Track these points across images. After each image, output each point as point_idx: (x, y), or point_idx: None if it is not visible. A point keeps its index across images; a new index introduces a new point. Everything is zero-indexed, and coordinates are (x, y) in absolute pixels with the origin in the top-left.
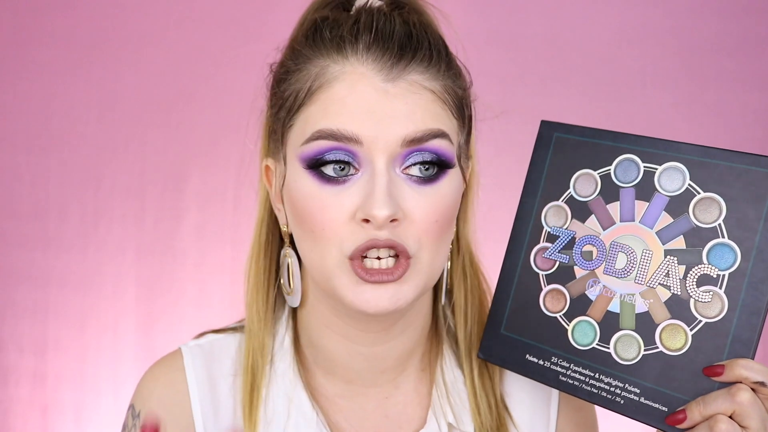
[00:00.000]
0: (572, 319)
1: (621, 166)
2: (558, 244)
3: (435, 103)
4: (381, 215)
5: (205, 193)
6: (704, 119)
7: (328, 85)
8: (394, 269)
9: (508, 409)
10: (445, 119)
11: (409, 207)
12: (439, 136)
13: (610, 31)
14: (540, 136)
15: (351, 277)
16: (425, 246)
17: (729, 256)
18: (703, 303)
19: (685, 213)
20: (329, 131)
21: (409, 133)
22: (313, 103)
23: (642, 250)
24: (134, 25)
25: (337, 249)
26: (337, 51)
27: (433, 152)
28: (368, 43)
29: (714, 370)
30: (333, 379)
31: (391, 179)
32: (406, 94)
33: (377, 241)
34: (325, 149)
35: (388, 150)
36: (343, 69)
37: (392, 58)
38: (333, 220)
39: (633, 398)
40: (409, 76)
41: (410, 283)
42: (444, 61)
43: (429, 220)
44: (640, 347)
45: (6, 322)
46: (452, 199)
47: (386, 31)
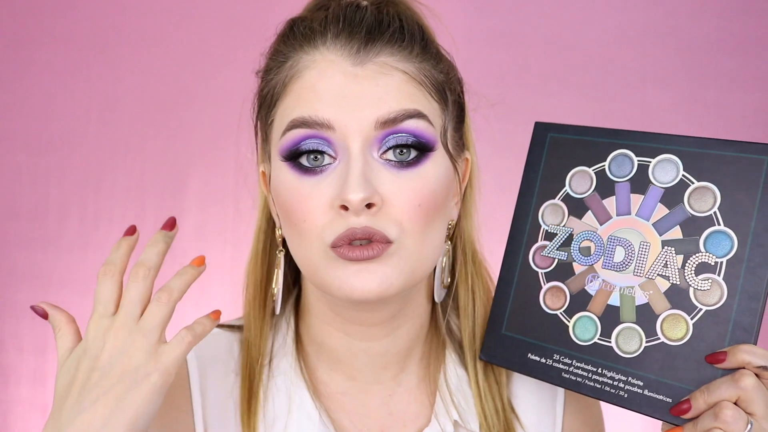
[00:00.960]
0: (573, 315)
1: (615, 161)
2: (556, 241)
3: (409, 84)
4: (355, 198)
5: (205, 194)
6: (704, 119)
7: (299, 75)
8: (373, 245)
9: (515, 411)
10: (422, 100)
11: (388, 191)
12: (415, 116)
13: (610, 31)
14: (534, 137)
15: (336, 262)
16: (409, 231)
17: (726, 243)
18: (702, 291)
19: (680, 203)
20: (302, 119)
21: (381, 114)
22: (287, 95)
23: (639, 243)
24: (134, 26)
25: (318, 239)
26: (308, 42)
27: (409, 133)
28: (337, 31)
29: (716, 357)
30: (336, 376)
31: (367, 163)
32: (377, 75)
33: (355, 230)
34: (299, 138)
35: (362, 133)
36: (313, 58)
37: (359, 42)
38: (312, 210)
39: (637, 391)
40: (377, 58)
41: (395, 267)
42: (418, 44)
43: (411, 204)
44: (642, 339)
45: (6, 322)
46: (438, 184)
47: (355, 19)
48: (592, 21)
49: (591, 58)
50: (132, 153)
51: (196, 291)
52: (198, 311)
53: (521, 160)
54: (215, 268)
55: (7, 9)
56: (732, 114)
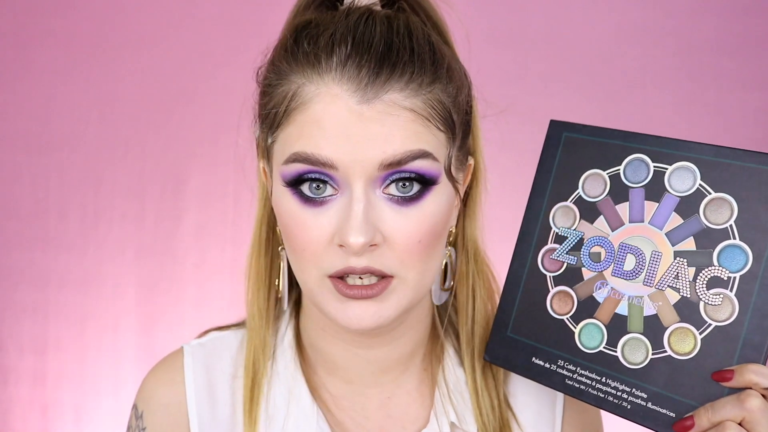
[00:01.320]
0: (579, 321)
1: (631, 165)
2: (566, 245)
3: (415, 123)
4: (356, 243)
5: (205, 193)
6: (704, 119)
7: (304, 107)
8: (373, 286)
9: (512, 409)
10: (428, 136)
11: (389, 229)
12: (420, 156)
13: (610, 31)
14: (549, 135)
15: (332, 293)
16: (410, 266)
17: (740, 258)
18: (713, 306)
19: (695, 214)
20: (304, 155)
21: (386, 157)
22: (290, 124)
23: (651, 252)
24: (134, 26)
25: (317, 268)
26: (312, 68)
27: (414, 172)
28: (343, 59)
29: (723, 375)
30: (334, 379)
31: (369, 203)
32: (383, 116)
33: (354, 269)
34: (301, 171)
35: (365, 174)
36: (317, 90)
37: (368, 76)
38: (312, 241)
39: (640, 403)
40: (386, 96)
41: (393, 302)
42: (428, 72)
43: (411, 241)
44: (648, 351)
45: (6, 322)
46: (439, 217)
47: (363, 43)
48: (592, 21)
49: (591, 58)
50: (132, 153)
51: (196, 291)
52: (198, 311)
53: (521, 159)
54: (215, 268)
55: (7, 9)
56: (732, 114)
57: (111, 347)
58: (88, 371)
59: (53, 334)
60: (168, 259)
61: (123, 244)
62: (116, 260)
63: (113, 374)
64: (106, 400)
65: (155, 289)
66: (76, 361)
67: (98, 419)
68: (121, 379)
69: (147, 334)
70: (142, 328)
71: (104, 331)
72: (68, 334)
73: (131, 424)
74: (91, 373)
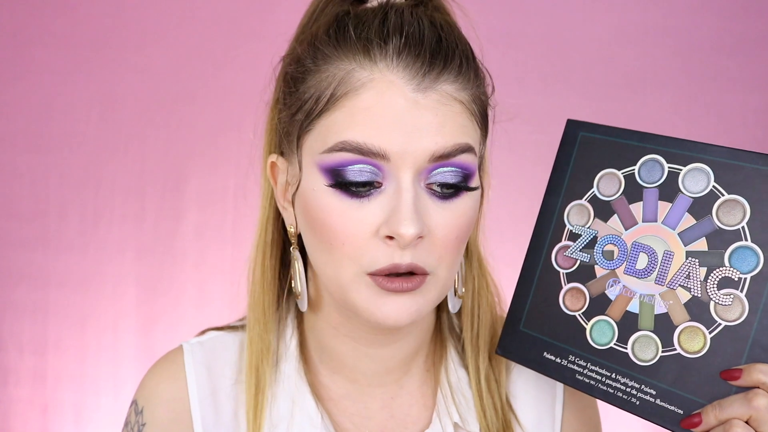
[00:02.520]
0: (591, 318)
1: (645, 166)
2: (580, 242)
3: (463, 115)
4: (408, 234)
5: (205, 193)
6: (704, 119)
7: (355, 93)
8: (412, 278)
9: (513, 410)
10: (471, 131)
11: (433, 224)
12: (466, 150)
13: (610, 31)
14: (565, 134)
15: (371, 288)
16: (444, 263)
17: (751, 260)
18: (723, 306)
19: (708, 215)
20: (355, 144)
21: (438, 148)
22: (336, 110)
23: (663, 251)
24: (134, 26)
25: (355, 264)
26: (365, 54)
27: (459, 167)
28: (398, 48)
29: (731, 374)
30: (338, 379)
31: (416, 194)
32: (437, 105)
33: (399, 266)
34: (349, 161)
35: (415, 165)
36: (371, 75)
37: (424, 66)
38: (354, 235)
39: (649, 399)
40: (440, 87)
41: (427, 297)
42: (473, 69)
43: (450, 237)
44: (658, 348)
45: (6, 322)
46: (473, 213)
47: (416, 35)
48: (592, 21)
49: (591, 58)
50: (132, 153)
51: (196, 291)
52: (198, 311)
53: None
54: (215, 268)
55: (7, 9)
56: (732, 114)
57: (111, 347)
58: (88, 371)
59: (53, 334)
60: (168, 259)
61: (123, 244)
62: (116, 260)
63: (113, 374)
64: (106, 400)
65: (155, 289)
66: (76, 361)
67: (98, 419)
68: (121, 379)
69: (147, 334)
70: (142, 328)
71: (104, 331)
72: (68, 334)
73: (130, 420)
74: (91, 373)
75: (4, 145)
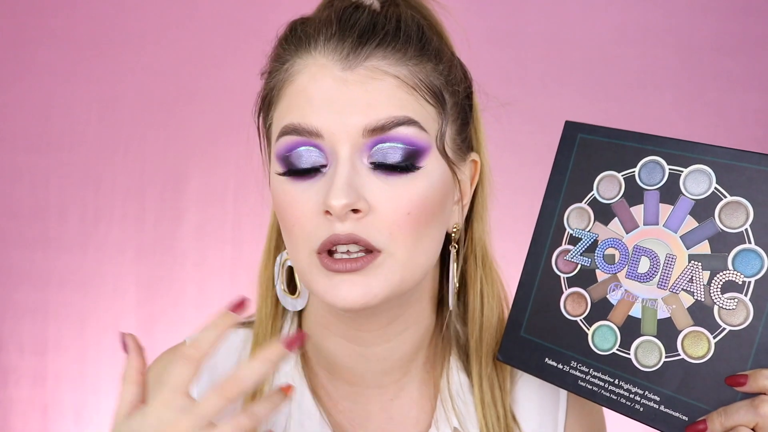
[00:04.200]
0: (593, 323)
1: (646, 168)
2: (580, 246)
3: (400, 89)
4: (338, 204)
5: (205, 193)
6: (704, 119)
7: (292, 80)
8: (357, 259)
9: (516, 418)
10: (414, 105)
11: (376, 199)
12: (405, 123)
13: (610, 31)
14: (564, 136)
15: (321, 271)
16: (399, 240)
17: (755, 263)
18: (727, 310)
19: (710, 217)
20: (293, 126)
21: (369, 121)
22: (281, 99)
23: (665, 255)
24: (134, 25)
25: (306, 244)
26: (304, 47)
27: (399, 141)
28: (329, 35)
29: (737, 379)
30: (336, 380)
31: (354, 169)
32: (366, 80)
33: (339, 237)
34: (291, 145)
35: (350, 140)
36: (305, 62)
37: (351, 45)
38: (300, 215)
39: (653, 406)
40: (368, 62)
41: (381, 278)
42: (414, 46)
43: (399, 212)
44: (662, 354)
45: (6, 322)
46: (430, 191)
47: (348, 22)
48: (592, 21)
49: (591, 58)
50: (132, 153)
51: (196, 291)
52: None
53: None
54: (215, 268)
55: (7, 9)
56: (732, 114)
57: (111, 347)
58: (88, 371)
59: (53, 334)
60: (168, 259)
61: (123, 244)
62: (116, 260)
63: (113, 374)
64: (106, 400)
65: (155, 289)
66: (76, 361)
67: (98, 419)
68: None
69: (147, 334)
70: (142, 328)
71: (104, 331)
72: (68, 334)
73: None
74: (91, 373)
75: (4, 145)
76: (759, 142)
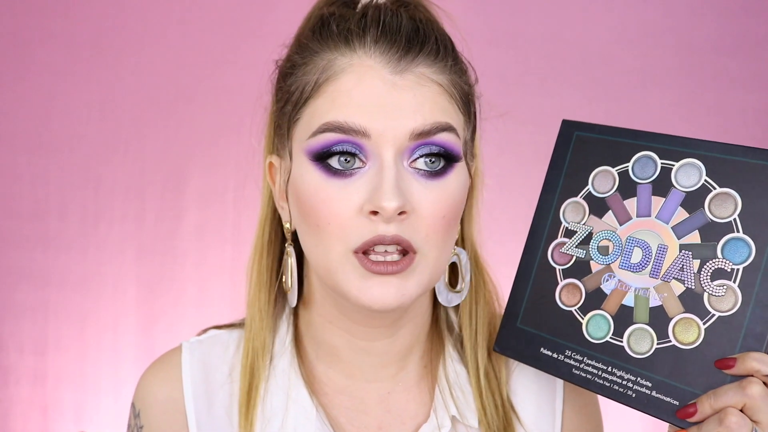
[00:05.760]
0: (587, 312)
1: (639, 162)
2: (575, 239)
3: (442, 96)
4: (390, 206)
5: (205, 193)
6: (704, 119)
7: (335, 78)
8: (398, 262)
9: (514, 407)
10: (452, 113)
11: (417, 201)
12: (447, 129)
13: (610, 31)
14: (561, 134)
15: (357, 270)
16: (432, 242)
17: (743, 251)
18: (716, 297)
19: (700, 208)
20: (337, 124)
21: (417, 126)
22: (320, 96)
23: (657, 245)
24: (134, 26)
25: (342, 243)
26: (345, 43)
27: (440, 145)
28: (376, 36)
29: (726, 362)
30: (334, 374)
31: (399, 172)
32: (414, 86)
33: (384, 237)
34: (332, 142)
35: (396, 143)
36: (350, 61)
37: (400, 51)
38: (339, 213)
39: (645, 392)
40: (417, 69)
41: (415, 279)
42: (451, 57)
43: (437, 215)
44: (653, 341)
45: (6, 322)
46: (460, 195)
47: (393, 25)
48: (592, 21)
49: (591, 57)
50: (132, 152)
51: (196, 291)
52: (198, 311)
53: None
54: (215, 268)
55: (7, 9)
56: (732, 114)
57: (111, 347)
58: (88, 371)
59: (53, 334)
60: (168, 259)
61: (123, 244)
62: (116, 260)
63: (113, 374)
64: (106, 400)
65: (155, 289)
66: (76, 361)
67: (98, 419)
68: (121, 379)
69: (147, 334)
70: (142, 328)
71: (104, 331)
72: (68, 334)
73: (130, 423)
74: (91, 373)
75: (4, 145)
76: (759, 142)
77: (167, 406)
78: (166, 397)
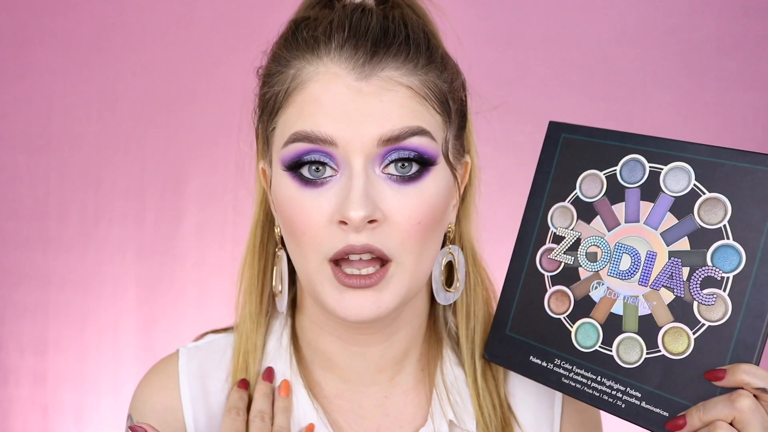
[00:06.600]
0: (576, 320)
1: (627, 166)
2: (563, 245)
3: (413, 100)
4: (356, 216)
5: (205, 193)
6: (704, 119)
7: (303, 87)
8: (371, 275)
9: (512, 409)
10: (425, 115)
11: (390, 208)
12: (418, 133)
13: (610, 31)
14: (548, 136)
15: (331, 281)
16: (408, 249)
17: (734, 258)
18: (706, 306)
19: (690, 214)
20: (304, 133)
21: (384, 132)
22: (290, 105)
23: (646, 252)
24: (134, 25)
25: (316, 253)
26: (311, 51)
27: (412, 150)
28: (341, 41)
29: (715, 374)
30: (331, 378)
31: (369, 179)
32: (381, 91)
33: (354, 247)
34: (302, 152)
35: (364, 150)
36: (317, 69)
37: (365, 55)
38: (312, 223)
39: (634, 402)
40: (382, 73)
41: (390, 291)
42: (423, 55)
43: (412, 221)
44: (643, 350)
45: (6, 322)
46: (438, 199)
47: (360, 28)
48: (592, 21)
49: (591, 58)
50: (132, 152)
51: (196, 291)
52: (198, 311)
53: (521, 159)
54: (215, 268)
55: (7, 9)
56: (732, 114)
57: (111, 347)
58: (88, 371)
59: (53, 334)
60: (168, 259)
61: (123, 244)
62: (116, 260)
63: (113, 374)
64: (106, 400)
65: (155, 289)
66: (76, 361)
67: (98, 419)
68: (121, 379)
69: (147, 334)
70: (142, 328)
71: (104, 331)
72: (68, 334)
73: None
74: (91, 373)
75: (4, 145)
76: (759, 142)
77: (165, 416)
78: (163, 406)
